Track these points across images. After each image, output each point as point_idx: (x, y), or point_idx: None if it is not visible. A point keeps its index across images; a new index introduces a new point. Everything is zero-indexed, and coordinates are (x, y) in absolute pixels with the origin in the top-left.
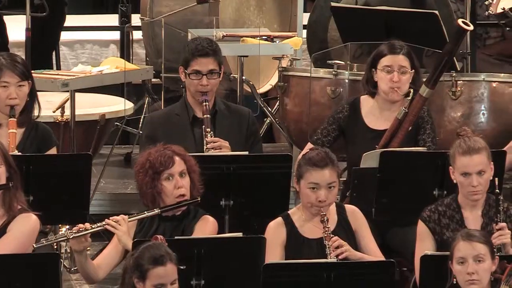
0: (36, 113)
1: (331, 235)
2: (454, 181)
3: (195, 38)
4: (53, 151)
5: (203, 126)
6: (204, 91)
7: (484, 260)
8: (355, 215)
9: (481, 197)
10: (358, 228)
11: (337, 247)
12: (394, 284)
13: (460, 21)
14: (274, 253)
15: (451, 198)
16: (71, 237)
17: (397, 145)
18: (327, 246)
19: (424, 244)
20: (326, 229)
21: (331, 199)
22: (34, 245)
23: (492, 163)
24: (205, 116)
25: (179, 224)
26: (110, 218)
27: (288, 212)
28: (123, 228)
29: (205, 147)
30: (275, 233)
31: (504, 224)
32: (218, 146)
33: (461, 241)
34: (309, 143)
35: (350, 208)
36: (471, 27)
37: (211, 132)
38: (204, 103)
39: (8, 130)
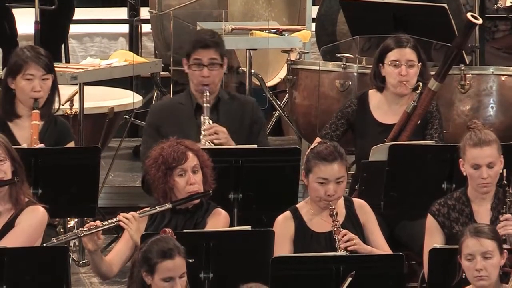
0: (56, 106)
1: (341, 229)
2: (464, 174)
3: (198, 30)
4: (70, 146)
5: (202, 115)
6: (205, 83)
7: (493, 256)
8: (363, 209)
9: (490, 190)
10: (366, 222)
11: (347, 241)
12: (403, 277)
13: (469, 14)
14: (282, 247)
15: (461, 191)
16: (81, 235)
17: (406, 139)
18: (336, 240)
19: (433, 238)
20: (336, 222)
21: (340, 193)
22: (44, 244)
23: (502, 156)
24: (204, 105)
25: (192, 217)
26: (121, 214)
27: (296, 206)
28: (134, 226)
29: (202, 134)
30: (283, 227)
31: (509, 215)
32: (214, 132)
33: (469, 237)
34: (317, 138)
35: (358, 202)
36: (480, 21)
37: (210, 120)
38: (204, 93)
39: (31, 121)
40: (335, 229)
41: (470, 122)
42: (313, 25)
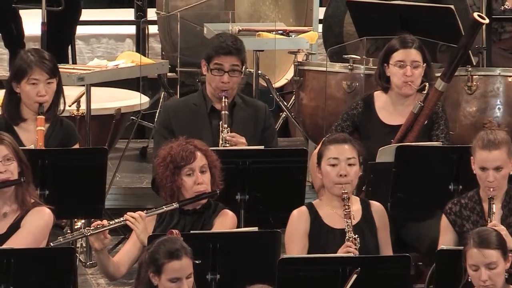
0: (61, 108)
1: (351, 213)
2: (474, 172)
3: (220, 34)
4: (76, 147)
5: (220, 122)
6: (224, 89)
7: (497, 266)
8: (381, 213)
9: (497, 193)
10: (380, 227)
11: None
12: (410, 278)
13: (475, 14)
14: (297, 242)
15: (475, 191)
16: (88, 234)
17: (412, 139)
18: (346, 224)
19: (445, 237)
20: (347, 206)
21: (352, 176)
22: (51, 243)
23: None
24: (223, 112)
25: (199, 218)
26: (128, 214)
27: (313, 202)
28: (140, 225)
29: (220, 142)
30: (298, 221)
31: (495, 222)
32: (234, 143)
33: (472, 247)
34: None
35: (376, 205)
36: (487, 20)
37: (228, 128)
38: (223, 99)
39: (36, 127)
40: (346, 212)
41: (486, 120)
42: (320, 26)
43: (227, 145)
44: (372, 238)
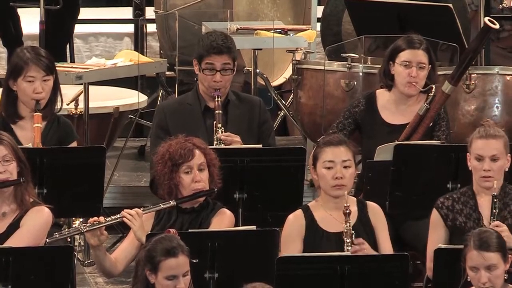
0: (58, 106)
1: (352, 231)
2: (470, 168)
3: (210, 32)
4: (73, 145)
5: (214, 122)
6: (217, 88)
7: (497, 268)
8: (377, 213)
9: (492, 185)
10: (378, 227)
11: (358, 246)
12: (408, 277)
13: (486, 19)
14: (291, 246)
15: (467, 187)
16: (84, 231)
17: (417, 140)
18: (345, 242)
19: (436, 233)
20: (348, 224)
21: (348, 178)
22: (47, 239)
23: (509, 155)
24: (216, 111)
25: (197, 216)
26: (125, 210)
27: (308, 204)
28: (137, 223)
29: (215, 142)
30: (294, 225)
31: (498, 222)
32: (229, 142)
33: (473, 249)
34: None
35: (372, 206)
36: (497, 26)
37: (222, 127)
38: (216, 99)
39: (33, 124)
40: (346, 230)
41: (483, 120)
42: (318, 24)
43: (222, 144)
44: (368, 240)
